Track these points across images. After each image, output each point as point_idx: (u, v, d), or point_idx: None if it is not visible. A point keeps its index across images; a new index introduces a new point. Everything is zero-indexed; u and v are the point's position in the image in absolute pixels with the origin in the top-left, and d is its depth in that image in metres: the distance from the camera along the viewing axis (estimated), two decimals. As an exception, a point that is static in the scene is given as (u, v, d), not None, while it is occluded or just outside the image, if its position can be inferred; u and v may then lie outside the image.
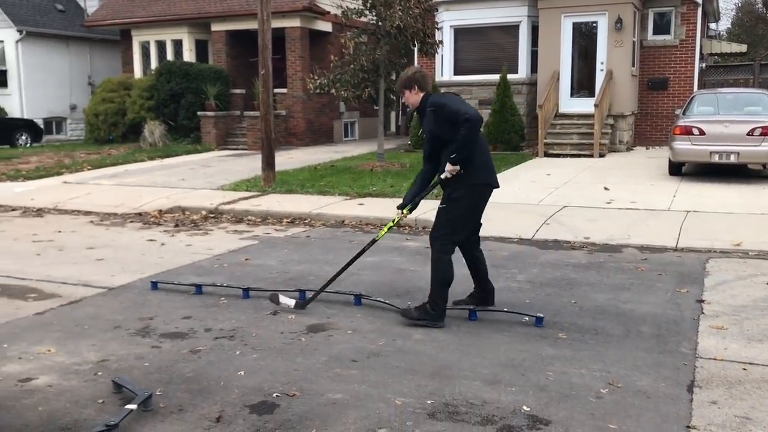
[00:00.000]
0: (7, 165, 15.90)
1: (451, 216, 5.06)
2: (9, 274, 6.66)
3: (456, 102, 5.01)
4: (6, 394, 3.91)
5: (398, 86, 5.29)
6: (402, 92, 5.23)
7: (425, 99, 5.15)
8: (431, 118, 5.04)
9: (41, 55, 23.39)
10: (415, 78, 5.14)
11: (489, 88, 16.77)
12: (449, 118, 4.90)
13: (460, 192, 5.03)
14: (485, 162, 5.13)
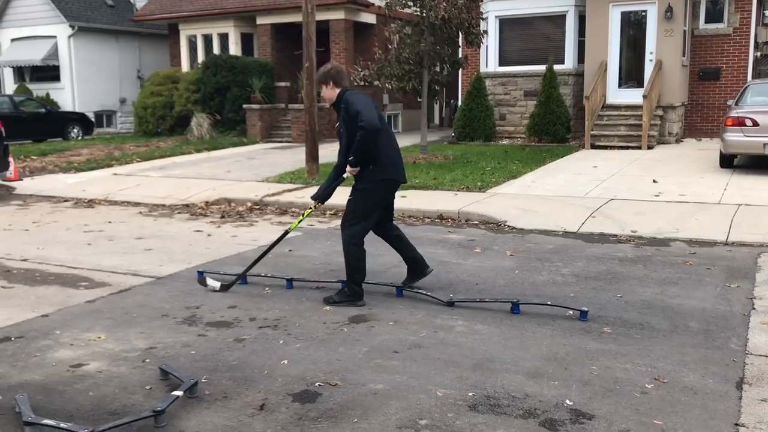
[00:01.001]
0: (59, 157, 16.36)
1: (357, 207, 5.42)
2: (62, 263, 6.86)
3: (361, 105, 5.22)
4: (58, 378, 4.03)
5: (315, 81, 5.60)
6: (319, 87, 5.44)
7: (341, 95, 5.35)
8: (343, 115, 5.32)
9: (92, 49, 23.96)
10: (330, 74, 5.34)
11: (534, 79, 16.58)
12: (353, 118, 5.19)
13: (365, 185, 5.36)
14: (392, 157, 5.43)
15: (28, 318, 5.15)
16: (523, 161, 12.83)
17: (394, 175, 5.45)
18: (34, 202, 11.13)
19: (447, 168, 12.26)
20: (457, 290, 5.66)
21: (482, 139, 16.49)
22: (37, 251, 7.39)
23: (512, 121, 17.17)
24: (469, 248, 7.21)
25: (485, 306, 5.21)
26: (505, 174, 11.48)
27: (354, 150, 5.21)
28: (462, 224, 8.52)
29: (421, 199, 9.61)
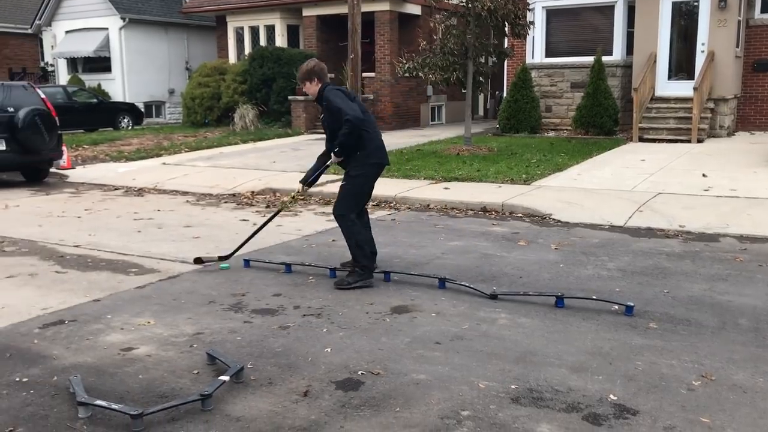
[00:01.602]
0: (110, 146, 16.76)
1: (352, 190, 5.74)
2: (113, 249, 7.05)
3: (341, 101, 5.55)
4: (110, 361, 4.16)
5: (298, 78, 5.77)
6: (302, 83, 5.75)
7: (322, 90, 5.67)
8: (325, 110, 5.68)
9: (142, 41, 24.44)
10: (314, 71, 5.67)
11: (582, 71, 16.33)
12: (335, 114, 5.54)
13: (358, 170, 5.69)
14: (377, 142, 5.76)
15: (80, 302, 5.32)
16: (569, 154, 12.67)
17: (381, 158, 5.82)
18: (86, 190, 11.44)
19: (491, 160, 12.18)
20: (501, 283, 5.64)
21: (527, 131, 16.33)
22: (89, 238, 7.61)
23: (558, 113, 16.96)
24: (513, 241, 7.17)
25: (529, 299, 5.19)
26: (551, 166, 11.36)
27: (339, 142, 5.54)
28: (506, 217, 8.47)
29: (464, 191, 9.58)
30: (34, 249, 7.14)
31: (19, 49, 30.41)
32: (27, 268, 6.38)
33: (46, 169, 12.66)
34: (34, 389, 3.77)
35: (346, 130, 5.48)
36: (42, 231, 8.02)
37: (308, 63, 5.79)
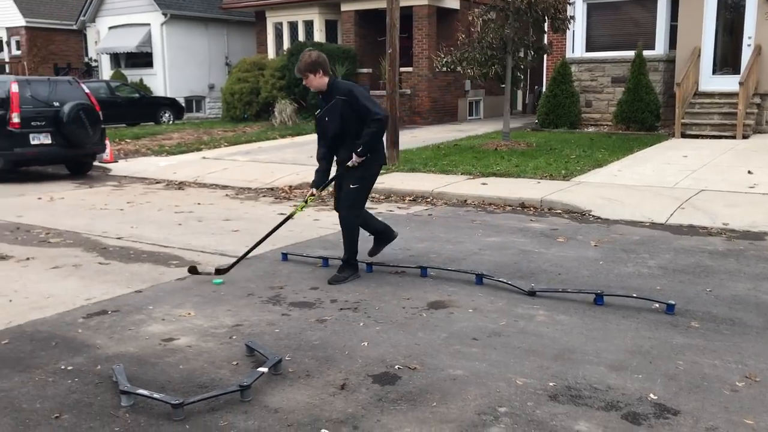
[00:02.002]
0: (152, 141, 17.04)
1: (364, 192, 5.69)
2: (154, 241, 7.18)
3: (367, 97, 5.43)
4: (151, 351, 4.24)
5: (302, 70, 5.38)
6: (305, 76, 5.39)
7: (331, 84, 5.45)
8: (341, 105, 5.38)
9: (183, 36, 24.78)
10: (319, 62, 5.35)
11: (623, 66, 16.06)
12: (359, 111, 5.35)
13: (371, 171, 5.64)
14: (382, 143, 5.71)
15: (123, 293, 5.43)
16: (610, 149, 12.49)
17: (384, 158, 5.79)
18: (128, 183, 11.66)
19: (530, 155, 12.07)
20: (539, 280, 5.60)
21: (567, 126, 16.13)
22: (131, 230, 7.76)
23: (598, 108, 16.72)
24: (552, 237, 7.10)
25: (567, 296, 5.14)
26: (591, 162, 11.21)
27: (366, 142, 5.38)
28: (545, 213, 8.40)
29: (502, 187, 9.52)
30: (78, 240, 7.31)
31: (65, 44, 31.11)
32: (71, 259, 6.53)
33: (89, 163, 12.94)
34: (78, 377, 3.86)
35: (375, 129, 5.34)
36: (86, 223, 8.20)
37: (310, 54, 5.43)
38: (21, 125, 11.45)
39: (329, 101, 5.45)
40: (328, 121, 5.48)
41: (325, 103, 5.49)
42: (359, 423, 3.29)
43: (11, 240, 7.37)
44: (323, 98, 5.54)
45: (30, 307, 5.09)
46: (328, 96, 5.45)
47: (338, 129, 5.49)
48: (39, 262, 6.41)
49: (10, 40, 30.54)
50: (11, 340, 4.44)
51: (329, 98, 5.45)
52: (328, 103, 5.46)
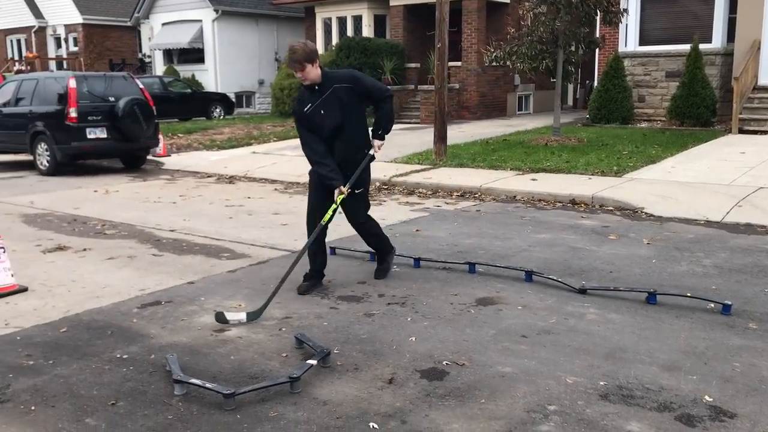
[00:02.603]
0: (203, 135, 17.35)
1: (367, 192, 5.52)
2: (206, 234, 7.31)
3: (370, 78, 5.24)
4: (203, 342, 4.33)
5: (301, 60, 4.84)
6: (303, 67, 4.86)
7: (325, 73, 5.00)
8: (342, 95, 4.99)
9: (234, 32, 25.12)
10: (315, 52, 4.95)
11: (677, 59, 15.67)
12: (368, 94, 5.09)
13: (369, 170, 5.39)
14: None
15: (176, 284, 5.55)
16: (663, 145, 12.20)
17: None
18: (181, 177, 11.90)
19: (580, 151, 11.89)
20: (590, 277, 5.51)
21: (619, 121, 15.83)
22: (183, 223, 7.92)
23: (652, 103, 16.36)
24: (603, 235, 6.98)
25: (619, 295, 5.05)
26: (643, 158, 10.98)
27: (387, 122, 5.23)
28: (596, 210, 8.26)
29: (552, 183, 9.39)
30: (132, 232, 7.50)
31: (119, 41, 31.84)
32: (126, 250, 6.70)
33: (143, 157, 13.25)
34: (133, 366, 3.97)
35: (390, 107, 5.19)
36: (140, 215, 8.40)
37: (304, 44, 4.96)
38: (78, 120, 11.78)
39: (322, 93, 4.98)
40: (325, 115, 5.00)
41: (316, 96, 4.99)
42: (407, 417, 3.30)
43: (69, 231, 7.60)
44: (313, 91, 5.00)
45: (87, 297, 5.25)
46: (321, 87, 4.98)
47: (338, 121, 5.03)
48: (95, 253, 6.60)
49: (68, 37, 31.42)
50: (69, 329, 4.58)
51: (322, 90, 4.98)
52: (321, 96, 4.98)
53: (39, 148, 12.26)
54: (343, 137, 5.14)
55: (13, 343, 4.34)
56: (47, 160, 12.17)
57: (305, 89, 5.07)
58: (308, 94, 5.05)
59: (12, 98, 12.89)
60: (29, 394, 3.62)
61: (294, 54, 4.86)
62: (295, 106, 5.14)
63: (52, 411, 3.43)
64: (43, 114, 12.11)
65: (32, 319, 4.78)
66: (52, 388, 3.69)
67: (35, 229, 7.72)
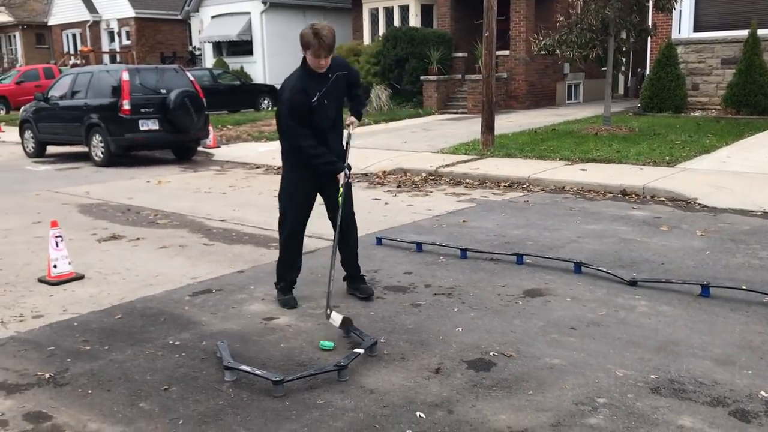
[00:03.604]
0: (252, 127, 17.56)
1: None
2: (255, 224, 7.42)
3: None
4: (253, 329, 4.40)
5: (332, 45, 4.46)
6: (327, 55, 4.45)
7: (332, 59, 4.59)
8: (343, 82, 4.68)
9: (281, 24, 25.31)
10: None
11: (734, 46, 15.19)
12: (355, 81, 4.88)
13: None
14: None
15: (226, 273, 5.65)
16: (718, 135, 11.86)
17: None
18: (230, 168, 12.08)
19: (632, 141, 11.65)
20: (641, 269, 5.41)
21: (671, 110, 15.44)
22: (233, 213, 8.05)
23: (706, 92, 15.90)
24: (655, 226, 6.84)
25: (671, 287, 4.94)
26: (697, 148, 10.70)
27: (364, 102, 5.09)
28: (647, 200, 8.09)
29: (602, 173, 9.23)
30: (184, 222, 7.65)
31: (170, 34, 32.45)
32: (178, 239, 6.85)
33: (194, 148, 13.50)
34: (185, 352, 4.06)
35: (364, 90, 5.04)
36: (191, 205, 8.57)
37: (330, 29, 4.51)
38: (131, 112, 12.06)
39: (327, 81, 4.53)
40: (328, 105, 4.56)
41: (321, 84, 4.51)
42: (454, 408, 3.30)
43: (123, 221, 7.80)
44: (318, 79, 4.51)
45: (140, 285, 5.38)
46: (324, 75, 4.52)
47: (336, 112, 4.70)
48: (148, 242, 6.76)
49: (120, 31, 32.16)
50: (123, 315, 4.71)
51: (324, 79, 4.52)
52: (326, 84, 4.52)
53: (94, 140, 12.60)
54: (335, 129, 4.77)
55: (71, 329, 4.48)
56: (102, 151, 12.49)
57: (307, 76, 4.51)
58: (310, 82, 4.49)
59: (68, 91, 13.27)
60: (86, 378, 3.74)
61: (326, 38, 4.39)
62: (294, 96, 4.48)
63: (107, 395, 3.54)
64: (98, 106, 12.43)
65: (89, 305, 4.93)
66: (107, 372, 3.80)
67: (91, 219, 7.95)
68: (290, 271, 4.94)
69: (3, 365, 3.93)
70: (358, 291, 4.94)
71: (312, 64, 4.47)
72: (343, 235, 4.87)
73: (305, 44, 4.43)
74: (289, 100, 4.52)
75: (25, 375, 3.80)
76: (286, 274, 4.92)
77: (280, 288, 4.94)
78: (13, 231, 7.36)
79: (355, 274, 5.02)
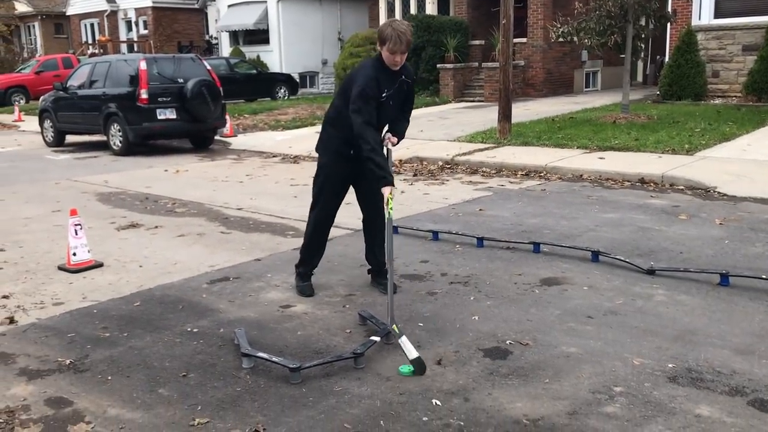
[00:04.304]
0: (268, 116, 17.59)
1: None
2: (271, 212, 7.45)
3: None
4: (270, 317, 4.43)
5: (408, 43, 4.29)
6: (404, 51, 4.31)
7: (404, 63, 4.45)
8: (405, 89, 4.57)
9: (298, 13, 25.28)
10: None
11: (756, 32, 14.96)
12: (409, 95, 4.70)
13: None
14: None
15: (243, 261, 5.68)
16: (738, 122, 11.72)
17: None
18: (247, 157, 12.12)
19: (650, 128, 11.54)
20: (659, 258, 5.37)
21: (691, 98, 15.27)
22: (250, 201, 8.08)
23: (726, 79, 15.70)
24: (673, 215, 6.78)
25: (689, 276, 4.90)
26: (717, 136, 10.58)
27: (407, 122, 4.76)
28: (666, 189, 8.02)
29: (620, 162, 9.16)
30: (201, 210, 7.70)
31: (187, 23, 32.52)
32: (196, 228, 6.89)
33: (211, 137, 13.55)
34: (203, 339, 4.10)
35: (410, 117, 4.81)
36: (208, 194, 8.62)
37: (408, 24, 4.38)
38: (149, 101, 12.12)
39: (394, 82, 4.45)
40: (393, 105, 4.51)
41: (392, 82, 4.44)
42: (470, 395, 3.31)
43: (141, 209, 7.86)
44: (390, 75, 4.42)
45: (159, 273, 5.43)
46: (395, 75, 4.45)
47: (394, 115, 4.63)
48: (166, 230, 6.81)
49: (138, 21, 32.27)
50: (142, 303, 4.76)
51: (395, 78, 4.45)
52: (395, 83, 4.46)
53: (112, 129, 12.68)
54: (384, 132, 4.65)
55: (91, 316, 4.54)
56: (120, 140, 12.58)
57: (381, 70, 4.39)
58: (384, 77, 4.40)
59: (86, 81, 13.36)
60: (106, 364, 3.79)
61: (405, 36, 4.26)
62: (369, 83, 4.33)
63: (127, 381, 3.59)
64: (116, 96, 12.51)
65: (108, 293, 4.99)
66: (127, 359, 3.85)
67: (109, 207, 8.02)
68: (314, 257, 4.97)
69: (25, 351, 3.99)
70: (382, 286, 4.82)
71: (387, 60, 4.36)
72: (371, 233, 4.93)
73: (383, 39, 4.30)
74: (364, 85, 4.32)
75: (46, 361, 3.85)
76: (308, 259, 4.94)
77: (299, 273, 4.94)
78: (34, 219, 7.45)
79: (380, 269, 4.93)
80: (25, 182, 9.94)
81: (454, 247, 5.89)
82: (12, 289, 5.13)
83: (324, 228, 4.95)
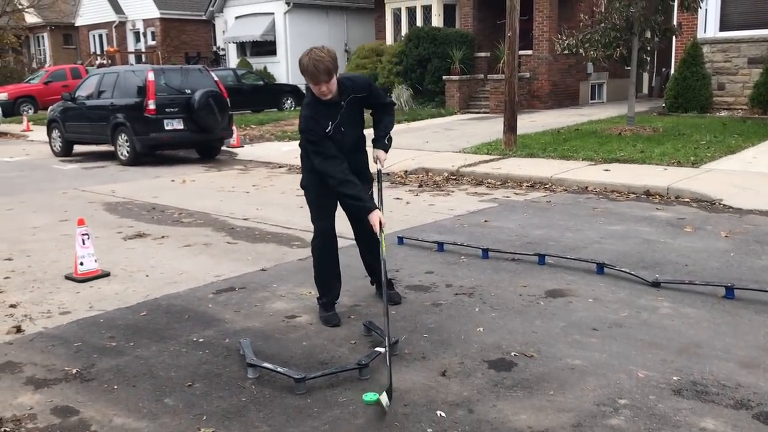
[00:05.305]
0: (275, 126, 17.67)
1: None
2: (277, 223, 7.48)
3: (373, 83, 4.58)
4: (275, 327, 4.44)
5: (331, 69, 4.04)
6: (331, 77, 4.06)
7: (341, 83, 4.22)
8: (360, 104, 4.39)
9: (305, 24, 25.42)
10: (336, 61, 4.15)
11: (762, 45, 14.98)
12: (378, 102, 4.55)
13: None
14: None
15: (249, 271, 5.70)
16: (744, 135, 11.72)
17: None
18: (254, 167, 12.17)
19: (656, 141, 11.54)
20: (664, 271, 5.37)
21: (696, 110, 15.28)
22: (256, 211, 8.12)
23: (732, 91, 15.71)
24: (679, 227, 6.78)
25: (694, 289, 4.90)
26: (722, 148, 10.58)
27: (390, 130, 4.58)
28: (671, 201, 8.03)
29: (626, 174, 9.17)
30: (208, 221, 7.73)
31: (195, 34, 32.73)
32: (202, 238, 6.92)
33: (218, 147, 13.62)
34: (209, 349, 4.11)
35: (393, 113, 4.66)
36: (215, 204, 8.65)
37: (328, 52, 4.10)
38: (156, 111, 12.20)
39: (340, 107, 4.25)
40: (345, 132, 4.32)
41: (334, 110, 4.24)
42: (474, 407, 3.31)
43: (148, 219, 7.90)
44: (330, 106, 4.22)
45: (165, 282, 5.46)
46: (339, 100, 4.24)
47: (356, 136, 4.46)
48: (173, 240, 6.84)
49: (146, 31, 32.50)
50: (148, 312, 4.78)
51: (340, 103, 4.25)
52: (340, 110, 4.26)
53: (119, 139, 12.76)
54: (358, 147, 4.52)
55: (97, 325, 4.56)
56: (127, 150, 12.65)
57: (319, 103, 4.21)
58: (324, 109, 4.22)
59: (95, 91, 13.45)
60: (112, 373, 3.81)
61: (322, 63, 4.01)
62: (308, 124, 4.21)
63: (133, 390, 3.60)
64: (124, 106, 12.59)
65: (114, 302, 5.01)
66: (133, 368, 3.87)
67: (116, 217, 8.07)
68: (330, 288, 4.63)
69: (31, 360, 4.02)
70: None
71: (315, 92, 4.16)
72: (365, 245, 4.83)
73: (302, 71, 4.09)
74: (304, 128, 4.26)
75: (53, 370, 3.88)
76: (325, 288, 4.62)
77: (322, 304, 4.62)
78: (41, 229, 7.49)
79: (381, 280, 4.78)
80: (33, 191, 10.00)
81: (459, 259, 5.90)
82: (19, 298, 5.17)
83: (327, 252, 4.67)
